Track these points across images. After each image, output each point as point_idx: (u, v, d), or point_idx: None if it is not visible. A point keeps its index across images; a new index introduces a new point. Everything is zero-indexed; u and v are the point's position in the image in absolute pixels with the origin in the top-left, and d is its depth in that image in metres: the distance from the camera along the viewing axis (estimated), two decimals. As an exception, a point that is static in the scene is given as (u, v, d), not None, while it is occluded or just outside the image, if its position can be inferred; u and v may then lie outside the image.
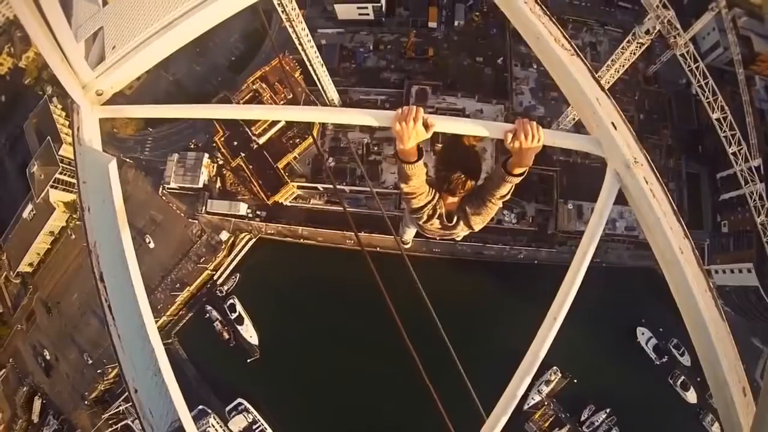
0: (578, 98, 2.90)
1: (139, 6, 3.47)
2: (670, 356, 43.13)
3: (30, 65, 57.79)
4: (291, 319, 45.94)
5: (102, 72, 3.38)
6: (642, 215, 2.72)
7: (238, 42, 53.00)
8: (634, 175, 2.69)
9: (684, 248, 2.58)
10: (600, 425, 42.46)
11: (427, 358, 5.03)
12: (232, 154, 45.95)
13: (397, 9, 51.93)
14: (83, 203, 3.02)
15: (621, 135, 2.76)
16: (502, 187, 3.74)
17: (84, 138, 3.27)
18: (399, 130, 3.07)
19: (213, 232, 48.77)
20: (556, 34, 2.93)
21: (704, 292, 2.52)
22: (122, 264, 2.84)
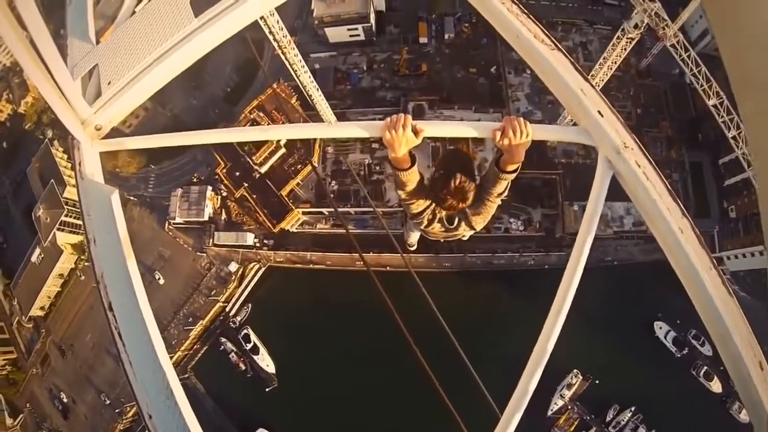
0: (563, 91, 2.94)
1: (131, 41, 3.57)
2: (691, 347, 42.63)
3: (29, 110, 58.60)
4: (306, 345, 45.76)
5: (99, 107, 3.47)
6: (638, 199, 2.74)
7: (232, 73, 53.54)
8: (626, 159, 2.71)
9: (684, 228, 2.59)
10: (626, 424, 41.84)
11: (443, 371, 5.03)
12: (235, 185, 46.22)
13: (387, 27, 52.52)
14: (89, 235, 3.08)
15: (608, 122, 2.79)
16: (498, 185, 3.80)
17: (86, 172, 3.36)
18: (389, 138, 3.11)
19: (222, 264, 48.85)
20: (535, 30, 2.97)
21: (708, 269, 2.52)
22: (130, 292, 2.88)
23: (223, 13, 3.53)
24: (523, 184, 44.75)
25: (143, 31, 3.55)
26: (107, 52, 3.59)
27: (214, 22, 3.51)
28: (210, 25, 3.50)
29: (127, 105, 3.58)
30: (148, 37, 3.51)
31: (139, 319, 2.81)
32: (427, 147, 44.61)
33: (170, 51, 3.50)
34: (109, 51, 3.59)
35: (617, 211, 43.69)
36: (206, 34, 3.51)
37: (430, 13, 51.97)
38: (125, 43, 3.57)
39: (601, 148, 2.82)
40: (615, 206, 43.44)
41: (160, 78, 3.58)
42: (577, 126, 2.95)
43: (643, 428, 41.57)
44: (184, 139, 3.46)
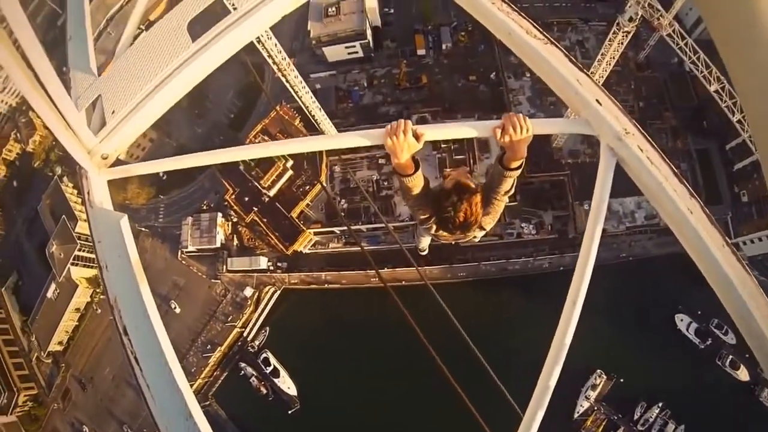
0: (559, 83, 2.96)
1: (132, 70, 3.65)
2: (714, 337, 41.81)
3: (37, 148, 59.49)
4: (326, 365, 45.61)
5: (105, 136, 3.55)
6: (644, 184, 2.71)
7: (235, 99, 54.03)
8: (628, 145, 2.70)
9: (692, 208, 2.57)
10: (655, 421, 41.08)
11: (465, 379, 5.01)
12: (245, 210, 46.52)
13: (384, 42, 52.95)
14: (100, 262, 3.12)
15: (607, 110, 2.79)
16: (504, 183, 3.77)
17: (95, 200, 3.42)
18: (391, 144, 3.11)
19: (237, 289, 48.95)
20: (526, 26, 3.01)
21: (722, 247, 2.48)
22: (143, 314, 2.90)
23: (219, 36, 3.60)
24: (533, 188, 44.70)
25: (143, 59, 3.63)
26: (109, 82, 3.66)
27: (212, 45, 3.58)
28: (207, 48, 3.57)
29: (132, 132, 3.64)
30: (149, 65, 3.59)
31: (154, 341, 2.82)
32: (434, 158, 44.77)
33: (171, 76, 3.56)
34: (111, 81, 3.66)
35: (628, 206, 43.41)
36: (205, 58, 3.57)
37: (425, 25, 52.35)
38: (126, 72, 3.65)
39: (602, 136, 2.81)
40: (626, 202, 43.26)
41: (163, 103, 3.63)
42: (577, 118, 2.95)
43: (672, 423, 40.81)
44: (188, 162, 3.51)
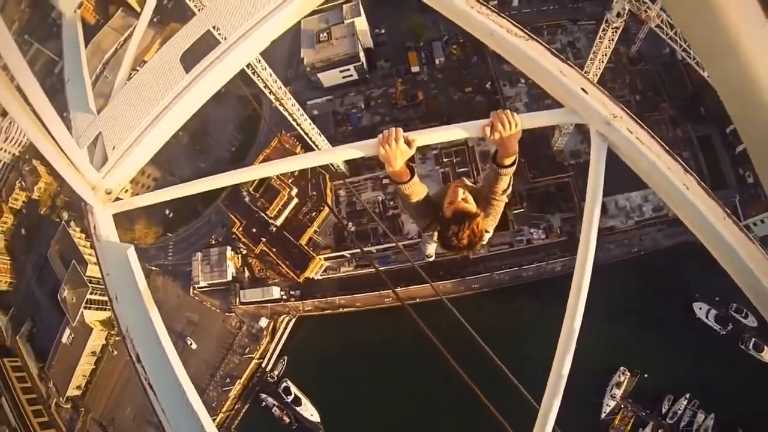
0: (544, 76, 3.00)
1: (130, 106, 3.77)
2: (734, 322, 41.40)
3: (43, 195, 60.06)
4: (347, 389, 45.29)
5: (107, 172, 3.63)
6: (638, 166, 2.73)
7: (235, 132, 54.52)
8: (617, 129, 2.73)
9: (688, 183, 2.58)
10: (684, 412, 40.43)
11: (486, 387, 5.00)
12: (254, 242, 46.68)
13: (377, 63, 53.61)
14: (110, 294, 3.17)
15: (593, 97, 2.83)
16: (501, 181, 3.78)
17: (101, 234, 3.49)
18: (384, 153, 3.17)
19: (252, 321, 48.90)
20: (506, 26, 3.07)
21: (722, 219, 2.49)
22: (156, 341, 2.96)
23: (212, 65, 3.68)
24: (538, 193, 44.74)
25: (140, 94, 3.75)
26: (109, 119, 3.78)
27: (205, 74, 3.68)
28: (202, 77, 3.68)
29: (134, 166, 3.72)
30: (146, 99, 3.71)
31: (168, 368, 2.86)
32: (437, 173, 44.89)
33: (168, 108, 3.68)
34: (110, 118, 3.78)
35: (635, 200, 43.37)
36: (199, 87, 3.68)
37: (417, 42, 52.94)
38: (124, 108, 3.77)
39: (591, 123, 2.84)
40: (632, 197, 43.21)
41: (162, 135, 3.74)
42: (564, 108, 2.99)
43: (701, 413, 40.21)
44: (190, 189, 3.57)
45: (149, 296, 3.11)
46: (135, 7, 60.99)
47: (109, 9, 61.91)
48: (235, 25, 3.63)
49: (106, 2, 62.24)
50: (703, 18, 1.15)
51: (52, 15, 63.14)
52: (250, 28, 3.62)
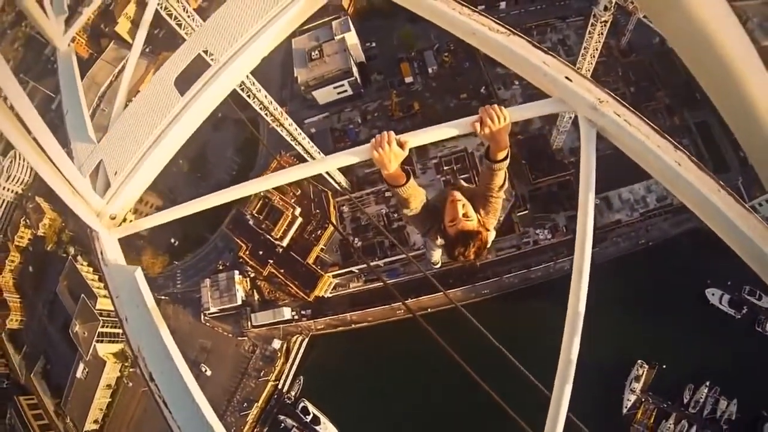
0: (528, 69, 3.06)
1: (129, 132, 3.87)
2: (749, 305, 41.06)
3: (48, 231, 60.30)
4: (365, 404, 45.00)
5: (111, 197, 3.72)
6: (628, 147, 2.77)
7: (234, 156, 54.73)
8: (604, 113, 2.78)
9: (680, 160, 2.61)
10: (706, 401, 39.91)
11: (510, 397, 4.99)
12: (261, 264, 46.72)
13: (371, 76, 53.97)
14: (120, 315, 3.23)
15: (578, 84, 2.88)
16: (496, 177, 3.78)
17: (108, 259, 3.55)
18: (378, 157, 3.24)
19: (265, 343, 48.79)
20: (488, 24, 3.15)
21: (717, 191, 2.51)
22: (167, 357, 3.00)
23: (205, 86, 3.76)
24: (541, 193, 44.74)
25: (138, 120, 3.86)
26: (109, 146, 3.88)
27: (200, 95, 3.76)
28: (196, 99, 3.75)
29: (136, 190, 3.80)
30: (144, 124, 3.81)
31: (180, 384, 2.90)
32: (439, 182, 44.95)
33: (166, 130, 3.77)
34: (110, 145, 3.88)
35: (638, 192, 43.32)
36: (195, 108, 3.78)
37: (408, 52, 53.29)
38: (123, 134, 3.87)
39: (578, 110, 2.89)
40: (635, 189, 43.19)
41: (162, 157, 3.82)
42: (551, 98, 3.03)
43: (724, 400, 39.66)
44: (193, 207, 3.63)
45: (158, 314, 3.18)
46: (127, 38, 61.72)
47: (102, 42, 62.65)
48: (225, 46, 3.71)
49: (98, 36, 62.96)
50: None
51: (45, 52, 63.99)
52: (240, 47, 3.70)
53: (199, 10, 55.50)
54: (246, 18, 3.73)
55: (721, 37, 1.24)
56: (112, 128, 3.90)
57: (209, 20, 3.89)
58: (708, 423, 39.88)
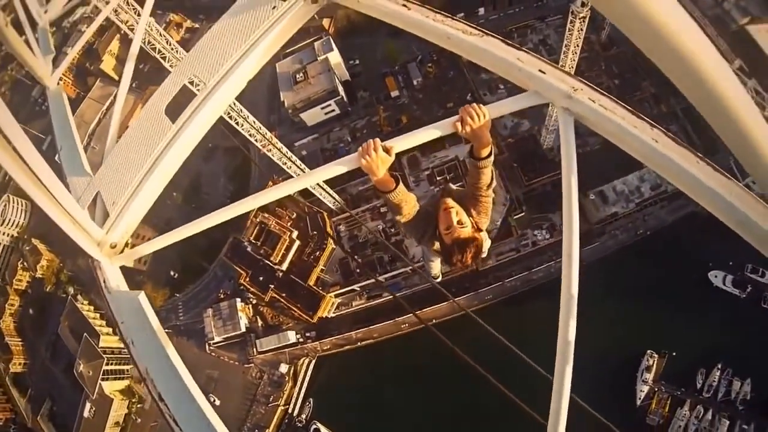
0: (504, 67, 3.18)
1: (124, 161, 3.97)
2: (753, 283, 41.15)
3: (46, 273, 60.02)
4: (377, 420, 44.48)
5: (110, 227, 3.79)
6: (607, 131, 2.88)
7: (228, 183, 54.88)
8: (579, 100, 2.88)
9: (657, 137, 2.72)
10: (719, 383, 39.71)
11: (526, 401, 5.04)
12: (262, 290, 46.66)
13: (357, 94, 54.36)
14: (126, 339, 3.29)
15: (552, 76, 2.99)
16: (482, 175, 3.88)
17: (111, 286, 3.59)
18: (366, 164, 3.31)
19: (272, 368, 48.56)
20: (461, 27, 3.27)
21: (696, 163, 2.61)
22: (176, 377, 3.07)
23: (196, 111, 3.84)
24: (536, 194, 44.91)
25: (132, 149, 3.97)
26: (105, 177, 3.98)
27: (191, 121, 3.83)
28: (188, 125, 3.83)
29: (134, 218, 3.88)
30: (138, 152, 3.91)
31: (190, 401, 2.96)
32: (434, 194, 45.01)
33: (160, 158, 3.86)
34: (106, 176, 3.98)
35: (632, 183, 43.55)
36: (187, 133, 3.88)
37: (392, 66, 53.75)
38: (119, 165, 3.97)
39: (554, 100, 3.00)
40: (629, 179, 43.46)
41: (158, 185, 3.91)
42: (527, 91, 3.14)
43: (737, 380, 39.51)
44: (190, 229, 3.70)
45: (164, 335, 3.25)
46: (112, 75, 62.21)
47: (88, 81, 63.07)
48: (212, 71, 3.81)
49: (84, 74, 63.36)
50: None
51: (32, 94, 64.20)
52: (226, 72, 3.80)
53: (181, 42, 55.97)
54: (230, 43, 3.85)
55: (664, 20, 1.34)
56: (107, 160, 4.00)
57: (195, 48, 4.04)
58: (724, 406, 39.68)
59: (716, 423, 39.39)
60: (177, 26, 64.04)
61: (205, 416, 2.89)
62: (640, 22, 1.34)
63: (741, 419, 39.15)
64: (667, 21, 1.33)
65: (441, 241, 4.33)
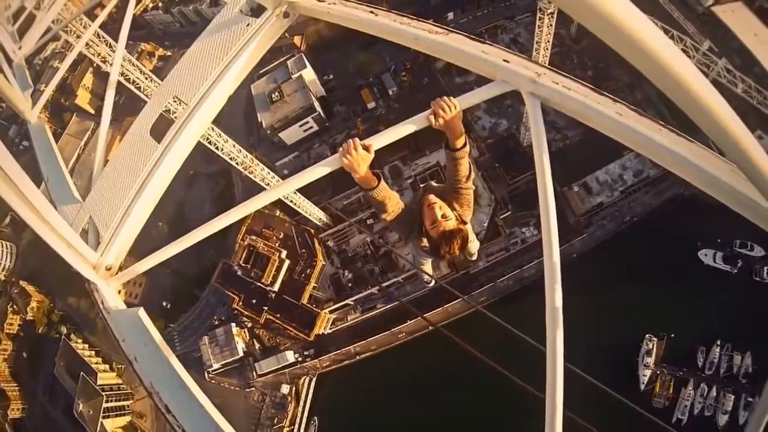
0: (471, 61, 3.38)
1: (113, 186, 4.09)
2: (742, 257, 41.51)
3: (37, 314, 58.87)
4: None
5: (104, 249, 3.87)
6: (572, 110, 3.05)
7: (212, 208, 54.55)
8: (543, 84, 3.06)
9: (620, 110, 2.92)
10: (720, 360, 40.06)
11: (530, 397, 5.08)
12: (256, 312, 46.46)
13: (334, 108, 54.34)
14: (128, 357, 3.36)
15: (516, 64, 3.20)
16: (460, 166, 4.06)
17: (110, 306, 3.67)
18: (347, 162, 3.52)
19: (273, 390, 48.14)
20: (427, 27, 3.48)
21: (659, 130, 2.82)
22: (181, 387, 3.15)
23: (180, 130, 3.92)
24: (520, 192, 45.08)
25: (120, 172, 4.07)
26: (95, 202, 4.09)
27: (177, 138, 3.93)
28: (174, 142, 3.94)
29: (127, 238, 3.96)
30: (127, 174, 4.02)
31: (197, 409, 3.04)
32: (415, 190, 45.30)
33: (149, 176, 3.98)
34: (96, 201, 4.09)
35: (614, 171, 43.82)
36: (174, 151, 3.99)
37: (366, 78, 53.88)
38: (108, 188, 4.09)
39: (520, 86, 3.17)
40: (611, 168, 43.76)
41: (148, 204, 4.02)
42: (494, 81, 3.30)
43: (737, 355, 39.77)
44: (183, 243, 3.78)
45: (167, 348, 3.34)
46: (88, 109, 61.92)
47: (64, 117, 62.64)
48: (194, 89, 3.92)
49: (60, 110, 62.95)
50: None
51: (9, 134, 63.55)
52: (208, 88, 3.91)
53: (155, 70, 55.96)
54: (210, 60, 4.00)
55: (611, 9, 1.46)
56: (96, 185, 4.08)
57: (176, 67, 4.19)
58: (727, 381, 39.92)
59: (721, 399, 39.57)
60: (149, 55, 63.89)
61: (214, 421, 2.95)
62: (592, 13, 1.45)
63: (745, 392, 39.34)
64: (614, 9, 1.47)
65: (428, 236, 4.47)
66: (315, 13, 3.79)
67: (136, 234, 4.00)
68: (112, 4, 5.96)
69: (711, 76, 36.63)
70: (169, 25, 68.14)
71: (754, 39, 2.23)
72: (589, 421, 4.94)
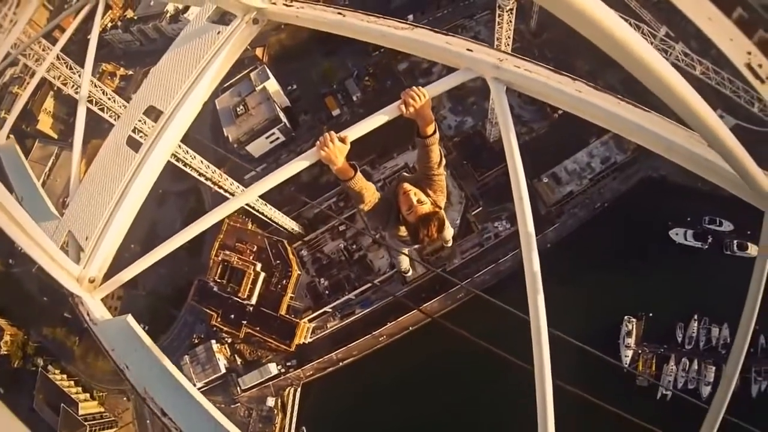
0: (436, 52, 3.55)
1: (91, 198, 4.08)
2: (712, 233, 42.65)
3: (11, 348, 56.85)
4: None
5: (86, 261, 3.85)
6: (535, 91, 3.24)
7: (183, 227, 53.56)
8: (506, 69, 3.24)
9: (579, 87, 3.13)
10: (699, 333, 41.22)
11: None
12: (235, 327, 46.09)
13: (299, 118, 54.35)
14: (119, 366, 3.34)
15: (479, 52, 3.36)
16: (431, 153, 4.28)
17: (96, 318, 3.69)
18: (325, 154, 3.62)
19: (259, 404, 47.73)
20: (392, 24, 3.64)
21: (617, 104, 3.04)
22: (176, 388, 3.17)
23: (157, 138, 3.97)
24: (490, 187, 45.53)
25: (98, 184, 4.07)
26: (74, 215, 4.08)
27: (153, 148, 3.96)
28: (151, 152, 3.96)
29: (110, 249, 3.96)
30: (105, 185, 4.03)
31: (197, 409, 3.08)
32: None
33: (128, 186, 3.98)
34: (75, 214, 4.08)
35: (582, 160, 44.67)
36: (151, 160, 4.00)
37: (330, 85, 53.99)
38: (87, 200, 4.08)
39: (484, 73, 3.33)
40: (578, 157, 44.58)
41: (129, 214, 4.02)
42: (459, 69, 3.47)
43: (715, 327, 40.93)
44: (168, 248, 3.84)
45: (157, 349, 3.35)
46: (51, 134, 60.72)
47: (26, 143, 61.30)
48: (170, 96, 3.97)
49: (22, 137, 61.55)
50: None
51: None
52: (183, 94, 3.97)
53: (117, 90, 55.32)
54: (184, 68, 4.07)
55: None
56: (74, 199, 4.08)
57: (150, 75, 4.23)
58: (707, 353, 40.98)
59: (703, 371, 40.69)
60: (111, 75, 63.02)
61: (212, 417, 3.01)
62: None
63: (725, 363, 40.04)
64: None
65: (405, 223, 4.67)
66: (284, 18, 3.89)
67: (118, 245, 4.02)
68: (75, 25, 5.96)
69: (670, 60, 37.41)
70: (129, 44, 67.09)
71: (709, 23, 2.43)
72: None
